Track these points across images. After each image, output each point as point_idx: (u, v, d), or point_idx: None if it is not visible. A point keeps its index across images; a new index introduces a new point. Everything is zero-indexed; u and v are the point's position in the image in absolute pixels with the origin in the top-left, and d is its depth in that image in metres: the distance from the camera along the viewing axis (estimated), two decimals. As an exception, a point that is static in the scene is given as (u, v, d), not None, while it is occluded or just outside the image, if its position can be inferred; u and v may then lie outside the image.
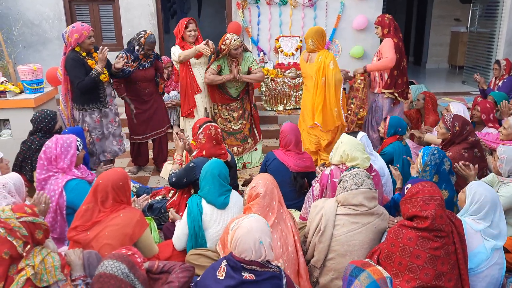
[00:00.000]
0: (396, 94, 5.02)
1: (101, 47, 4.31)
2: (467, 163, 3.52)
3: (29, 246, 2.22)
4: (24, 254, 2.20)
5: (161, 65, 5.06)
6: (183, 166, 3.68)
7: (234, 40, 4.82)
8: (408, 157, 3.90)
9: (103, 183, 2.74)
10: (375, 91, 5.15)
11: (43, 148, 3.26)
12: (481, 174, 3.71)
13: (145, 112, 4.94)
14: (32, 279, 2.16)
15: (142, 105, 4.92)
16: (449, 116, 3.90)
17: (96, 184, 2.76)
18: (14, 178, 2.94)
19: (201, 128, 3.60)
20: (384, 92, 5.04)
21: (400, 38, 4.94)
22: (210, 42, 4.87)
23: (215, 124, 3.65)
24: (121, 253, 2.16)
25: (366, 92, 5.25)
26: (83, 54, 4.30)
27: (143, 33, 4.70)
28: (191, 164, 3.49)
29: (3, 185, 2.81)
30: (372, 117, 5.25)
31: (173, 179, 3.55)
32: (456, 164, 3.50)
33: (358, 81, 5.18)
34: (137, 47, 4.68)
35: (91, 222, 2.68)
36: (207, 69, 4.96)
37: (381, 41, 5.09)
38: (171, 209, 3.45)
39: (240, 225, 2.18)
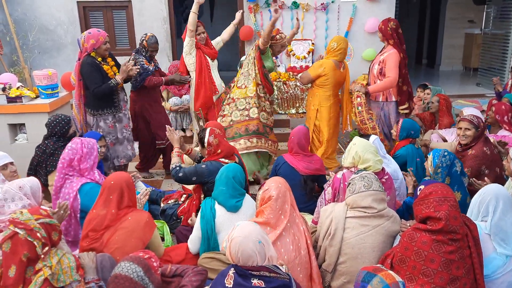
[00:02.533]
0: (408, 110, 4.98)
1: (127, 61, 4.45)
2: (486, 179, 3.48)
3: (47, 248, 2.26)
4: (42, 255, 2.23)
5: (161, 72, 5.20)
6: (194, 164, 3.66)
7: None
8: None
9: (116, 183, 2.76)
10: (379, 100, 5.02)
11: (66, 150, 3.30)
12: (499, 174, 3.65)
13: (160, 114, 5.08)
14: (50, 279, 2.20)
15: (159, 108, 5.10)
16: (469, 116, 3.87)
17: (107, 186, 2.77)
18: (32, 181, 2.98)
19: (207, 134, 3.57)
20: (387, 100, 4.98)
21: (404, 50, 4.84)
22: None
23: (213, 125, 3.72)
24: (138, 256, 2.18)
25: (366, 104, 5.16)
26: (98, 59, 4.34)
27: (144, 36, 4.84)
28: (203, 166, 3.48)
29: (20, 187, 2.86)
30: (383, 126, 5.16)
31: (180, 174, 3.48)
32: (471, 179, 3.47)
33: (358, 99, 5.06)
34: (143, 52, 4.85)
35: (104, 226, 2.70)
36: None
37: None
38: (192, 216, 3.47)
39: (233, 238, 2.13)
